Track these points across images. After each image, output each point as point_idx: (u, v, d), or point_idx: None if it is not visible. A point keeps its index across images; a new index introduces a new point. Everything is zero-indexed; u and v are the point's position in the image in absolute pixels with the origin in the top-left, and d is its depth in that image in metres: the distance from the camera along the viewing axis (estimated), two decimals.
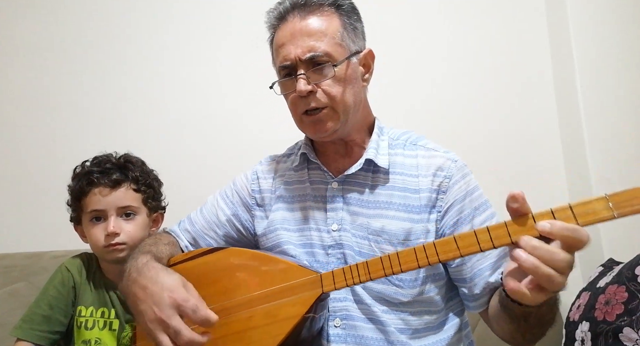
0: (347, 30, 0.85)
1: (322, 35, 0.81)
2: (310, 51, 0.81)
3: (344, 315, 0.82)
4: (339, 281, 0.72)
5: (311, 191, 0.91)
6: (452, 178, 0.84)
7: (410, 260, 0.66)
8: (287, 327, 0.72)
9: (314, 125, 0.85)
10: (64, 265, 1.10)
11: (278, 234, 0.91)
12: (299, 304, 0.73)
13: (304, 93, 0.81)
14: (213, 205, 1.00)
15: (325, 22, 0.83)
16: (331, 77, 0.81)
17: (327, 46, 0.81)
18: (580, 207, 0.57)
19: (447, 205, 0.83)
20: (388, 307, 0.82)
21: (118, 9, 1.81)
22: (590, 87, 1.50)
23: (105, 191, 1.04)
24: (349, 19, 0.86)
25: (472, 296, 0.83)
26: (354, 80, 0.85)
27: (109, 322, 1.06)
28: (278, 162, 1.00)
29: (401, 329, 0.81)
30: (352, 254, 0.83)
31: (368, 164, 0.87)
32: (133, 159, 1.12)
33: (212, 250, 0.86)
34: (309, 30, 0.82)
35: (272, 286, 0.76)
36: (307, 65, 0.81)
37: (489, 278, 0.80)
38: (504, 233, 0.60)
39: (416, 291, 0.81)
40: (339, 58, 0.82)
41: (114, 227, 1.02)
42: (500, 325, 0.77)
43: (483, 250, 0.61)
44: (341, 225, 0.85)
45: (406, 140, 0.91)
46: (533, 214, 0.59)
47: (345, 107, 0.83)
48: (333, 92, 0.82)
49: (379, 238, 0.82)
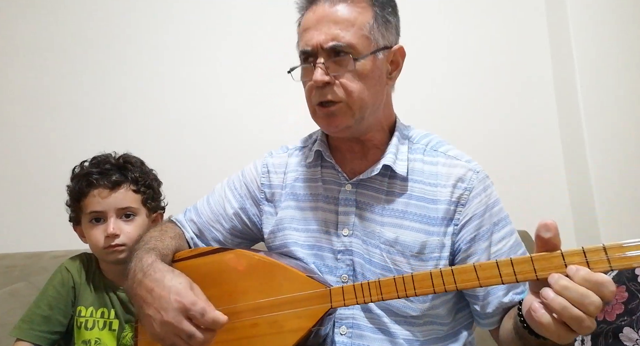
0: (377, 22, 0.79)
1: (350, 25, 0.76)
2: (333, 40, 0.76)
3: (350, 323, 0.81)
4: (349, 298, 0.70)
5: (323, 191, 0.87)
6: (473, 191, 0.80)
7: (425, 286, 0.63)
8: (293, 339, 0.71)
9: (326, 118, 0.80)
10: (64, 265, 1.10)
11: (286, 234, 0.88)
12: (305, 317, 0.72)
13: (319, 83, 0.76)
14: (220, 196, 0.96)
15: (356, 11, 0.77)
16: (351, 70, 0.76)
17: (352, 37, 0.76)
18: (615, 250, 0.53)
19: (466, 219, 0.79)
20: (396, 318, 0.80)
21: (118, 9, 1.81)
22: (590, 87, 1.50)
23: (105, 192, 1.03)
24: (383, 10, 0.80)
25: (484, 314, 0.80)
26: (377, 77, 0.79)
27: (108, 322, 1.06)
28: (290, 155, 0.95)
29: (408, 340, 0.79)
30: (361, 262, 0.81)
31: (385, 169, 0.83)
32: (132, 159, 1.11)
33: (219, 249, 0.84)
34: (336, 17, 0.76)
35: (280, 295, 0.75)
36: (329, 54, 0.77)
37: (503, 299, 0.78)
38: (529, 269, 0.57)
39: (426, 306, 0.79)
40: (364, 51, 0.77)
41: (114, 228, 1.02)
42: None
43: (504, 283, 0.59)
44: (352, 230, 0.82)
45: (426, 145, 0.87)
46: (563, 252, 0.55)
47: (361, 105, 0.78)
48: (351, 87, 0.77)
49: (392, 249, 0.79)
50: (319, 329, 0.74)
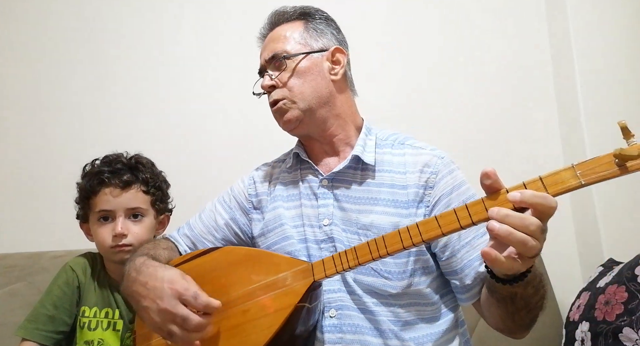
0: (308, 31, 0.94)
1: (283, 38, 0.93)
2: (272, 51, 0.92)
3: (338, 305, 0.84)
4: (329, 268, 0.74)
5: (303, 189, 0.94)
6: (439, 174, 0.86)
7: (395, 242, 0.68)
8: (281, 318, 0.73)
9: (279, 116, 0.92)
10: (69, 264, 1.10)
11: (276, 232, 0.93)
12: (291, 294, 0.75)
13: (266, 87, 0.92)
14: (211, 211, 1.02)
15: (288, 27, 0.94)
16: (285, 69, 0.90)
17: (285, 45, 0.92)
18: (549, 177, 0.60)
19: (435, 199, 0.86)
20: (378, 299, 0.83)
21: (121, 10, 1.81)
22: (590, 87, 1.50)
23: (116, 191, 1.04)
24: (312, 22, 0.96)
25: (464, 287, 0.84)
26: (315, 73, 0.91)
27: (112, 323, 1.06)
28: (273, 166, 1.04)
29: (392, 320, 0.83)
30: (342, 247, 0.85)
31: (356, 162, 0.90)
32: (144, 160, 1.12)
33: (207, 250, 0.88)
34: (274, 37, 0.94)
35: (266, 279, 0.78)
36: (270, 63, 0.93)
37: (479, 268, 0.82)
38: (481, 208, 0.62)
39: (404, 283, 0.83)
40: (297, 53, 0.91)
41: (122, 228, 1.03)
42: (490, 312, 0.79)
43: (463, 227, 0.64)
44: (332, 220, 0.88)
45: (394, 140, 0.94)
46: (507, 188, 0.62)
47: (303, 97, 0.90)
48: (290, 83, 0.90)
49: (368, 232, 0.85)
50: (307, 307, 0.76)
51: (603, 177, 0.58)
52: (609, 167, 0.58)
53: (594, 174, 0.58)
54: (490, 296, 0.75)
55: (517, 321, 0.75)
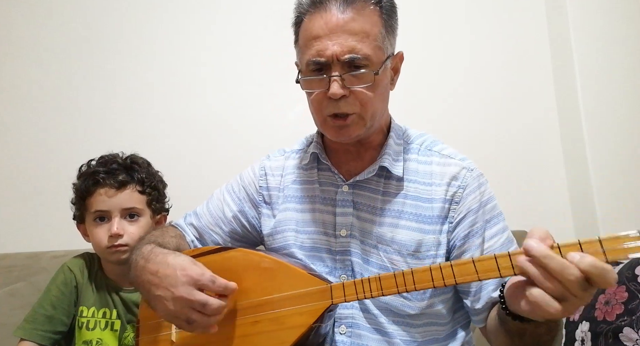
0: (387, 31, 0.78)
1: (365, 36, 0.74)
2: (351, 52, 0.73)
3: (349, 322, 0.81)
4: (350, 294, 0.70)
5: (320, 193, 0.88)
6: (467, 189, 0.80)
7: (425, 280, 0.64)
8: (294, 336, 0.71)
9: (339, 129, 0.79)
10: (66, 265, 1.10)
11: (285, 236, 0.89)
12: (307, 314, 0.72)
13: (337, 96, 0.75)
14: (219, 200, 0.97)
15: (369, 21, 0.75)
16: (367, 83, 0.75)
17: (368, 49, 0.74)
18: (610, 242, 0.53)
19: (460, 216, 0.80)
20: (394, 318, 0.80)
21: (122, 9, 1.81)
22: (590, 87, 1.50)
23: (111, 192, 1.04)
24: (390, 18, 0.79)
25: (474, 310, 0.81)
26: (385, 85, 0.80)
27: (110, 323, 1.06)
28: (287, 158, 0.96)
29: (406, 341, 0.79)
30: (359, 262, 0.82)
31: (381, 170, 0.84)
32: (139, 160, 1.12)
33: (220, 249, 0.85)
34: (351, 28, 0.73)
35: (281, 293, 0.75)
36: (344, 66, 0.74)
37: (492, 293, 0.78)
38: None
39: (424, 304, 0.79)
40: (378, 62, 0.75)
41: (118, 228, 1.02)
42: (496, 339, 0.76)
43: (502, 276, 0.59)
44: (350, 231, 0.83)
45: (421, 144, 0.87)
46: (559, 244, 0.55)
47: (373, 115, 0.79)
48: (365, 99, 0.76)
49: (389, 248, 0.80)
50: (320, 326, 0.74)
51: None
52: None
53: None
54: (499, 325, 0.71)
55: None
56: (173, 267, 0.71)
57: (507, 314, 0.63)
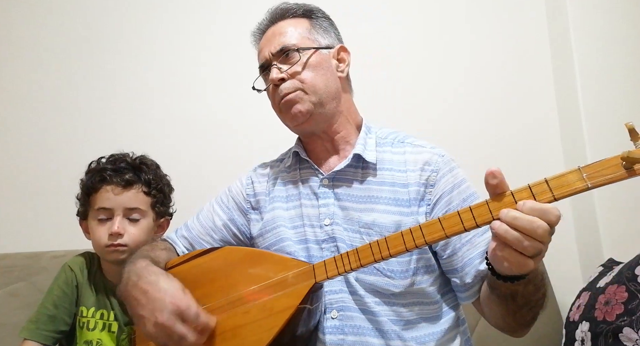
0: (315, 28, 0.94)
1: (291, 32, 0.92)
2: (280, 44, 0.91)
3: (340, 306, 0.84)
4: (331, 270, 0.73)
5: (303, 189, 0.93)
6: (439, 172, 0.86)
7: (398, 244, 0.68)
8: (282, 319, 0.72)
9: (289, 109, 0.90)
10: (67, 264, 1.10)
11: (275, 233, 0.92)
12: (293, 295, 0.74)
13: (276, 80, 0.89)
14: (209, 211, 1.01)
15: (294, 23, 0.94)
16: (297, 61, 0.89)
17: (294, 39, 0.91)
18: (555, 180, 0.59)
19: (436, 197, 0.86)
20: (380, 299, 0.83)
21: (122, 10, 1.81)
22: (590, 87, 1.50)
23: (117, 190, 1.04)
24: (317, 20, 0.96)
25: (464, 285, 0.84)
26: (325, 68, 0.91)
27: (107, 324, 1.06)
28: (272, 166, 1.03)
29: (393, 320, 0.82)
30: (344, 247, 0.85)
31: (357, 161, 0.90)
32: (148, 162, 1.12)
33: (207, 250, 0.88)
34: (279, 31, 0.93)
35: (267, 280, 0.77)
36: (278, 56, 0.91)
37: (479, 266, 0.82)
38: (486, 211, 0.62)
39: (407, 282, 0.82)
40: (305, 47, 0.91)
41: (119, 227, 1.02)
42: (491, 309, 0.80)
43: (467, 229, 0.63)
44: (333, 219, 0.87)
45: (394, 139, 0.94)
46: (512, 191, 0.61)
47: (315, 89, 0.89)
48: (303, 75, 0.89)
49: (370, 231, 0.84)
50: (308, 308, 0.76)
51: (610, 180, 0.57)
52: (616, 169, 0.57)
53: (600, 177, 0.57)
54: (491, 293, 0.75)
55: (518, 319, 0.75)
56: (164, 292, 0.73)
57: (498, 278, 0.67)
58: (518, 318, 0.75)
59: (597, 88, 1.50)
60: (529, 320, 0.76)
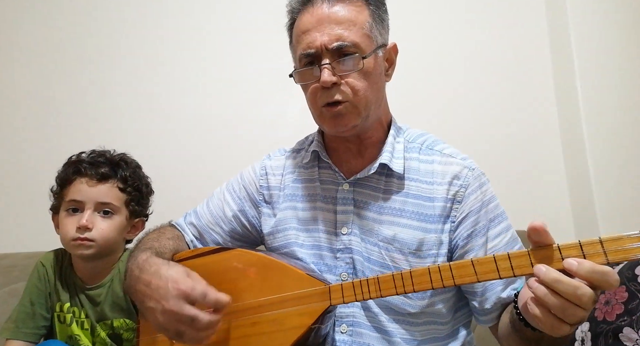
0: (375, 21, 0.80)
1: (351, 24, 0.77)
2: (338, 40, 0.76)
3: (350, 321, 0.81)
4: (348, 295, 0.70)
5: (321, 191, 0.88)
6: (469, 188, 0.80)
7: (424, 281, 0.64)
8: (293, 337, 0.71)
9: (334, 119, 0.79)
10: (40, 260, 1.09)
11: (286, 234, 0.89)
12: (306, 315, 0.72)
13: (328, 84, 0.76)
14: (220, 199, 0.97)
15: (355, 11, 0.78)
16: (358, 69, 0.77)
17: (355, 36, 0.76)
18: (611, 242, 0.53)
19: (462, 215, 0.80)
20: (394, 317, 0.80)
21: (122, 9, 1.81)
22: (590, 87, 1.50)
23: (91, 182, 1.01)
24: (378, 9, 0.82)
25: (483, 310, 0.80)
26: (378, 74, 0.81)
27: (80, 322, 1.05)
28: (287, 157, 0.96)
29: (406, 339, 0.79)
30: (360, 260, 0.81)
31: (382, 168, 0.84)
32: (128, 160, 1.10)
33: (219, 249, 0.85)
34: (337, 18, 0.77)
35: (280, 293, 0.75)
36: (333, 55, 0.77)
37: (501, 294, 0.78)
38: (527, 263, 0.57)
39: (425, 303, 0.79)
40: (367, 50, 0.77)
41: (87, 220, 0.99)
42: (510, 344, 0.75)
43: (502, 278, 0.59)
44: (351, 229, 0.83)
45: (422, 143, 0.87)
46: (559, 245, 0.56)
47: (367, 103, 0.79)
48: (357, 86, 0.77)
49: (390, 246, 0.80)
50: (319, 327, 0.74)
51: None
52: None
53: None
54: (513, 333, 0.70)
55: None
56: (165, 279, 0.70)
57: (526, 325, 0.62)
58: None
59: (597, 89, 1.50)
60: None
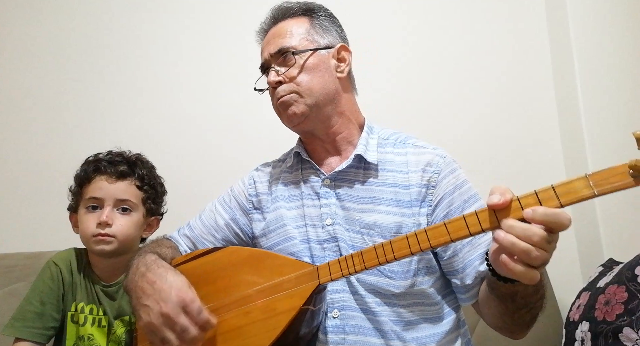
0: (314, 27, 0.94)
1: (289, 33, 0.92)
2: (278, 46, 0.91)
3: (341, 306, 0.84)
4: (335, 271, 0.73)
5: (305, 189, 0.94)
6: (441, 173, 0.87)
7: (402, 247, 0.67)
8: (285, 320, 0.72)
9: (285, 111, 0.91)
10: (52, 260, 1.09)
11: (278, 233, 0.93)
12: (296, 296, 0.74)
13: (273, 83, 0.91)
14: (211, 211, 1.02)
15: (295, 24, 0.94)
16: (293, 64, 0.89)
17: (292, 41, 0.91)
18: (562, 187, 0.59)
19: (437, 199, 0.86)
20: (381, 299, 0.83)
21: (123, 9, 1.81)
22: (590, 87, 1.50)
23: (110, 180, 1.05)
24: (317, 19, 0.96)
25: (465, 287, 0.85)
26: (323, 70, 0.91)
27: (97, 319, 1.05)
28: (274, 166, 1.03)
29: (394, 320, 0.83)
30: (346, 247, 0.85)
31: (358, 161, 0.90)
32: (144, 160, 1.14)
33: (211, 250, 0.88)
34: (279, 32, 0.93)
35: (270, 281, 0.77)
36: (276, 58, 0.92)
37: (479, 268, 0.82)
38: (492, 217, 0.62)
39: (408, 283, 0.83)
40: (304, 49, 0.91)
41: (107, 216, 1.02)
42: (489, 309, 0.80)
43: (472, 234, 0.63)
44: (334, 219, 0.88)
45: (396, 139, 0.94)
46: (518, 197, 0.61)
47: (311, 92, 0.89)
48: (299, 79, 0.89)
49: (371, 231, 0.85)
50: (311, 310, 0.76)
51: (617, 188, 0.57)
52: (623, 177, 0.56)
53: (607, 184, 0.57)
54: (490, 293, 0.75)
55: (516, 320, 0.75)
56: (169, 284, 0.74)
57: (498, 279, 0.67)
58: (516, 319, 0.75)
59: (597, 88, 1.50)
60: (528, 321, 0.76)
